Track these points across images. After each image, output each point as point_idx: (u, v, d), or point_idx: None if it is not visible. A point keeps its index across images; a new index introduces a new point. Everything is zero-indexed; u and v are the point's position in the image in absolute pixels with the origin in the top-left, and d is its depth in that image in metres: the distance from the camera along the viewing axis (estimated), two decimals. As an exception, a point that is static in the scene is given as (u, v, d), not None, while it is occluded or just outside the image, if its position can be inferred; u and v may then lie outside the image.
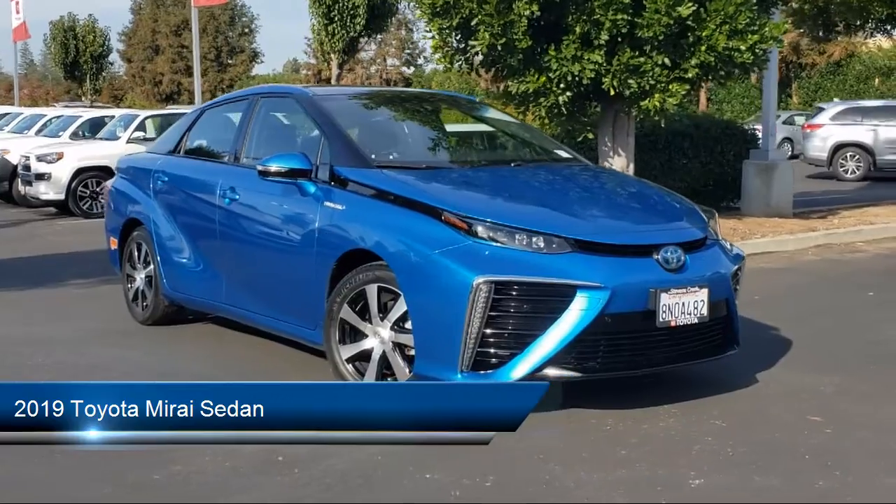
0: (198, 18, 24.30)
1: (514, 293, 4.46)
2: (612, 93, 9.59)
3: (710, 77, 9.92)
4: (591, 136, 11.03)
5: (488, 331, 4.47)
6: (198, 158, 6.77)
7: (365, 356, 5.02)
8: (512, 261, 4.52)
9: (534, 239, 4.57)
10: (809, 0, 13.59)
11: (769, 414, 4.79)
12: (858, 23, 14.31)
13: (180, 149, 6.96)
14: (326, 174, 5.35)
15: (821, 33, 11.05)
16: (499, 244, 4.57)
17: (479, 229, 4.60)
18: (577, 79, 9.50)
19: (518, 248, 4.55)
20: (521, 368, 4.46)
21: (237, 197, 5.94)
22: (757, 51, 9.53)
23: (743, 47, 9.36)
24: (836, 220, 12.12)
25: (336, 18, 23.58)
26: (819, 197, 15.57)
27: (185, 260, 6.49)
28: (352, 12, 23.51)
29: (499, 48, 9.42)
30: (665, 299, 4.61)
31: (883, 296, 7.90)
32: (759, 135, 14.09)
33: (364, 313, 5.00)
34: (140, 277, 7.05)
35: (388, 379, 4.93)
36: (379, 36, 26.56)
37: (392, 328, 4.88)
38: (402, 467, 4.03)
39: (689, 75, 9.54)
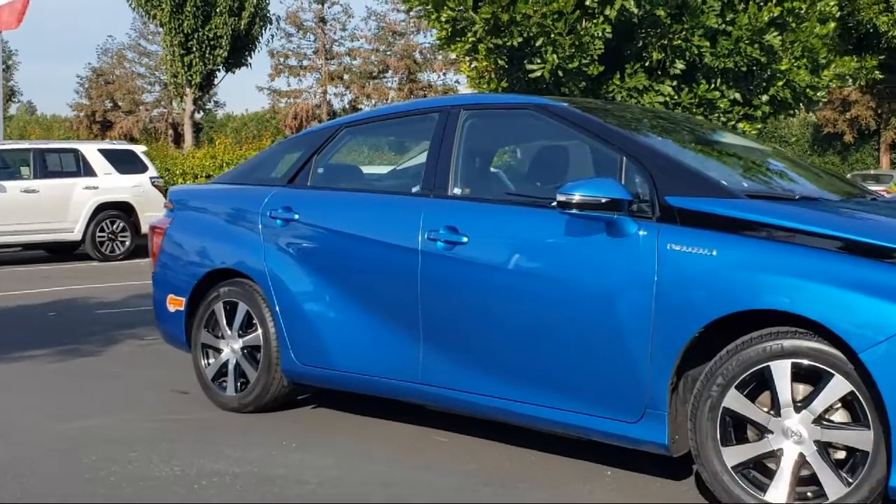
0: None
1: None
2: (682, 129, 8.52)
3: (776, 114, 9.05)
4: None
5: None
6: (349, 190, 5.10)
7: (755, 462, 3.59)
8: None
9: None
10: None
11: None
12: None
13: (306, 178, 5.24)
14: (646, 207, 3.91)
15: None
16: None
17: None
18: (644, 112, 8.37)
19: None
20: None
21: (462, 239, 4.34)
22: (829, 87, 8.79)
23: (821, 84, 8.57)
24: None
25: (195, 49, 21.07)
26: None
27: (338, 324, 4.80)
28: (212, 43, 21.07)
29: (560, 73, 8.17)
30: None
31: None
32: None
33: (753, 398, 3.59)
34: (234, 348, 5.25)
35: (809, 495, 3.51)
36: (238, 70, 24.31)
37: (816, 422, 3.48)
38: None
39: (758, 113, 8.64)
